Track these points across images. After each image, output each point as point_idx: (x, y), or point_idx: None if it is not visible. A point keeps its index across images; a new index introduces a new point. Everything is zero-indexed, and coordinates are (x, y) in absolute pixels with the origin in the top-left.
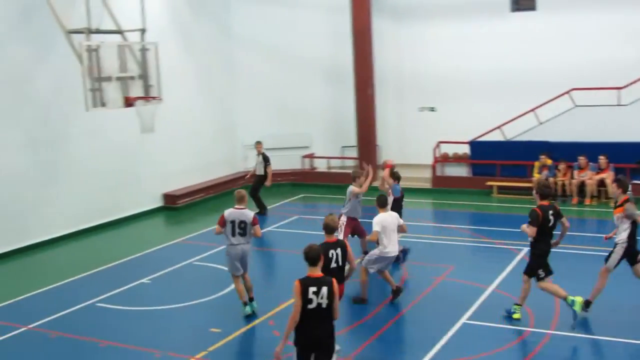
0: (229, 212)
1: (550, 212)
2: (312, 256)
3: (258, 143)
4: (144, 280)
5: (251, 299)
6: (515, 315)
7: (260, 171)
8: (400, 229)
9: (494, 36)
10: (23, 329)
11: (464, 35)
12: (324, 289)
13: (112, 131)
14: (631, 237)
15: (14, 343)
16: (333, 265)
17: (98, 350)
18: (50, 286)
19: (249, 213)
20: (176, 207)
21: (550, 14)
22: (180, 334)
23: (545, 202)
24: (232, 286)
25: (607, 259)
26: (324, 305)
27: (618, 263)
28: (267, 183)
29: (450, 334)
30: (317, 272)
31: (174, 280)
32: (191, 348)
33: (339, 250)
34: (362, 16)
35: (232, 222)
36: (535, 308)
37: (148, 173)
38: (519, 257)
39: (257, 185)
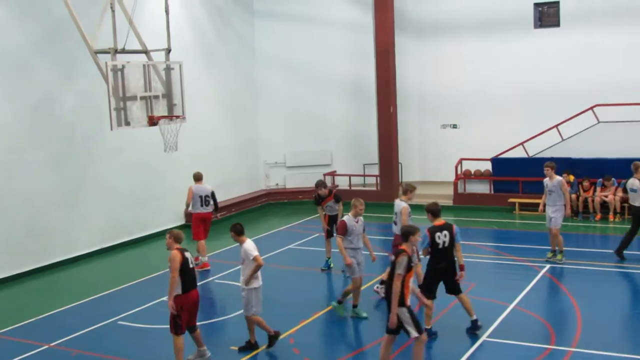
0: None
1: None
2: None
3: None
4: (165, 298)
5: None
6: None
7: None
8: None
9: (517, 53)
10: (45, 347)
11: (486, 52)
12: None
13: (136, 150)
14: None
15: None
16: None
17: None
18: (73, 304)
19: None
20: None
21: (574, 31)
22: None
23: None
24: None
25: None
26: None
27: None
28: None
29: (471, 351)
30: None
31: None
32: None
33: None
34: (385, 34)
35: None
36: (557, 326)
37: (170, 191)
38: (540, 274)
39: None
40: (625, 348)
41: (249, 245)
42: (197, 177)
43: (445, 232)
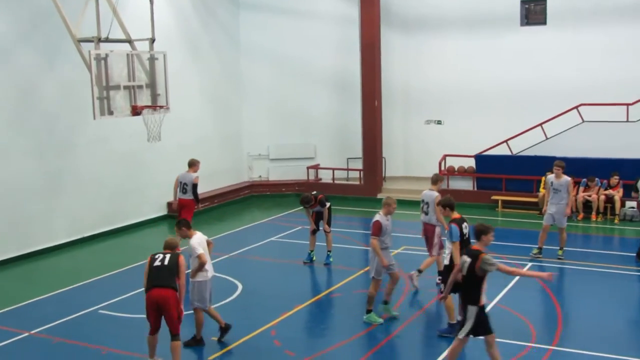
0: None
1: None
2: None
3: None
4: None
5: None
6: None
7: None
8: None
9: (502, 50)
10: (25, 334)
11: (472, 49)
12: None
13: (119, 140)
14: None
15: (16, 348)
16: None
17: (100, 357)
18: (54, 292)
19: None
20: None
21: (560, 29)
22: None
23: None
24: (235, 295)
25: None
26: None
27: None
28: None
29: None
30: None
31: None
32: (191, 356)
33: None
34: (371, 29)
35: None
36: (537, 323)
37: (153, 181)
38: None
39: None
40: (604, 347)
41: (195, 241)
42: (188, 164)
43: (465, 223)
